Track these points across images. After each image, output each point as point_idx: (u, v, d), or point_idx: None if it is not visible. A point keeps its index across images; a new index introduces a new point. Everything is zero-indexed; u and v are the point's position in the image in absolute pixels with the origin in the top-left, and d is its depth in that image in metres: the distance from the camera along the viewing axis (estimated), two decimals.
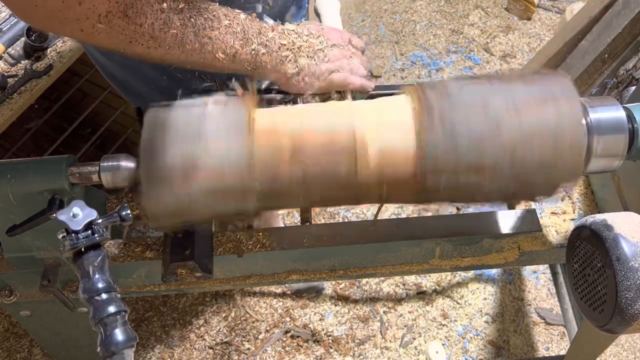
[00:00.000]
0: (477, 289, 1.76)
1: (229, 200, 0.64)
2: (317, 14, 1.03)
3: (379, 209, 0.87)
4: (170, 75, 0.96)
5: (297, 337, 1.68)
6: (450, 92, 0.64)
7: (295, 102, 0.88)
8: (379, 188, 0.65)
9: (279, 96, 0.90)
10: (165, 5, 0.70)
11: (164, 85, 0.99)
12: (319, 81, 0.85)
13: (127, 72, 1.02)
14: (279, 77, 0.84)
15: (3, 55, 1.41)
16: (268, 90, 0.90)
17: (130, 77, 1.03)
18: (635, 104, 0.68)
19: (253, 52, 0.79)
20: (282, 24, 0.88)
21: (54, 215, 0.64)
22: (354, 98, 0.88)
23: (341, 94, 0.88)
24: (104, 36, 0.68)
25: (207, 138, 0.63)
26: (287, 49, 0.83)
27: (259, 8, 0.92)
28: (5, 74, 1.39)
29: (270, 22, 0.87)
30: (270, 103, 0.91)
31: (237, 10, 0.79)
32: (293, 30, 0.85)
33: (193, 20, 0.73)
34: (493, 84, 0.64)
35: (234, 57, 0.78)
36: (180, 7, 0.72)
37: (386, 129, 0.64)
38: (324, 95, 0.88)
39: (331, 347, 1.66)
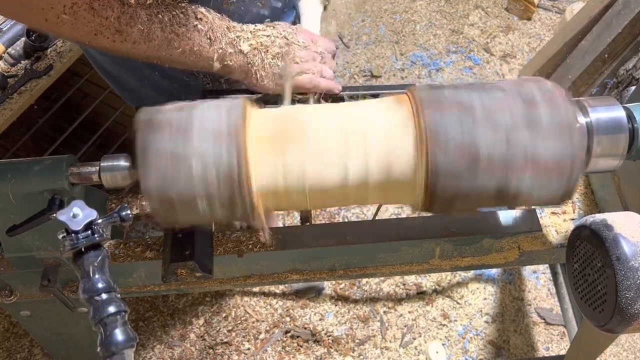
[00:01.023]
0: (477, 289, 1.76)
1: (225, 202, 0.63)
2: (298, 15, 1.04)
3: (378, 209, 0.87)
4: (162, 70, 0.96)
5: (297, 337, 1.68)
6: (447, 97, 0.63)
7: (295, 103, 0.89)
8: (380, 199, 0.65)
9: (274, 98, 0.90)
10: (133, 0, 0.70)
11: (155, 80, 0.99)
12: (285, 82, 0.86)
13: (119, 67, 1.02)
14: (245, 76, 0.85)
15: (3, 55, 1.42)
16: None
17: (122, 72, 1.03)
18: (635, 104, 0.68)
19: (220, 50, 0.79)
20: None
21: (54, 215, 0.64)
22: (317, 100, 0.89)
23: (305, 95, 0.89)
24: (69, 27, 0.68)
25: (202, 138, 0.62)
26: (255, 48, 0.83)
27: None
28: (5, 74, 1.39)
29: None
30: (266, 103, 0.91)
31: (207, 9, 0.79)
32: (263, 31, 0.85)
33: (160, 16, 0.73)
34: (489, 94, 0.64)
35: (201, 55, 0.79)
36: (148, 2, 0.72)
37: (388, 131, 0.63)
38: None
39: (331, 347, 1.66)
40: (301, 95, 0.90)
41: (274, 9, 0.99)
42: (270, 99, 0.89)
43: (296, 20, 1.05)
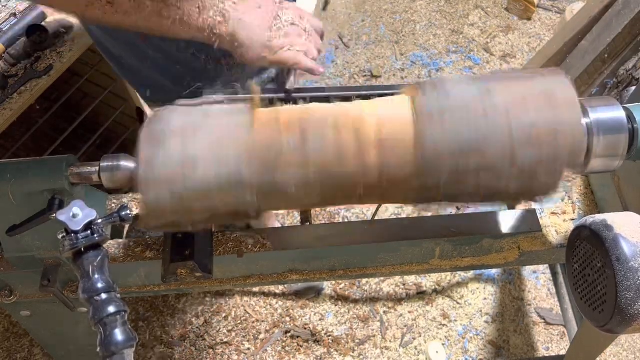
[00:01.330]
0: (477, 289, 1.76)
1: (228, 198, 0.63)
2: None
3: (377, 209, 0.87)
4: (163, 50, 0.97)
5: (297, 337, 1.68)
6: (449, 90, 0.64)
7: (295, 103, 0.88)
8: (379, 182, 0.65)
9: (279, 95, 0.90)
10: None
11: (158, 61, 0.99)
12: (270, 55, 0.86)
13: (121, 47, 1.03)
14: (233, 46, 0.85)
15: (3, 55, 1.42)
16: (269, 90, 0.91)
17: (124, 52, 1.04)
18: (635, 104, 0.68)
19: (210, 19, 0.80)
20: None
21: (54, 215, 0.64)
22: (295, 78, 0.88)
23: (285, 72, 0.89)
24: None
25: (207, 133, 0.63)
26: (242, 20, 0.83)
27: None
28: (6, 74, 1.39)
29: None
30: (271, 103, 0.91)
31: None
32: (253, 2, 0.85)
33: None
34: (490, 82, 0.64)
35: (190, 25, 0.79)
36: None
37: (387, 122, 0.64)
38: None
39: (331, 347, 1.66)
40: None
41: None
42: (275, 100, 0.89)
43: None
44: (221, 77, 1.03)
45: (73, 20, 1.48)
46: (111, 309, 0.58)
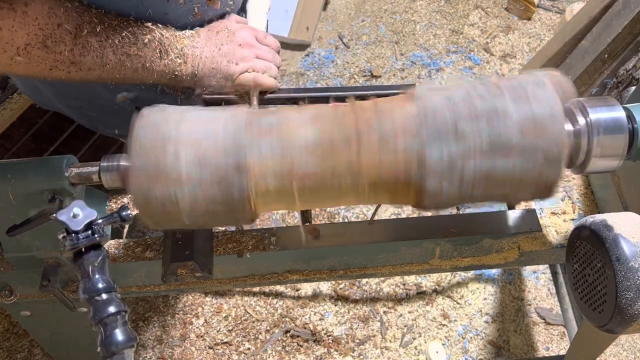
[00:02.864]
0: (477, 289, 1.76)
1: (225, 203, 0.63)
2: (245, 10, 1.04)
3: (376, 209, 0.87)
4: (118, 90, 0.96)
5: (297, 337, 1.68)
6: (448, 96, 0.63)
7: (296, 103, 0.89)
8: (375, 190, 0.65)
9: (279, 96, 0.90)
10: (84, 31, 0.71)
11: (113, 101, 0.98)
12: (230, 82, 0.87)
13: (81, 99, 1.02)
14: (194, 82, 0.86)
15: None
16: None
17: (84, 104, 1.03)
18: (635, 104, 0.68)
19: (170, 63, 0.81)
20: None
21: (54, 215, 0.64)
22: (258, 98, 0.89)
23: (247, 94, 0.89)
24: (23, 67, 0.69)
25: (203, 136, 0.62)
26: (199, 56, 0.84)
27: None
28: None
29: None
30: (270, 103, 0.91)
31: (154, 22, 0.80)
32: (205, 32, 0.86)
33: (111, 40, 0.75)
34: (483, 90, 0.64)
35: (153, 70, 0.80)
36: (97, 29, 0.73)
37: (386, 133, 0.63)
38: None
39: (331, 347, 1.66)
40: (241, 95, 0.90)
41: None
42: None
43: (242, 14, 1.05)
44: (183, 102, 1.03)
45: None
46: (111, 309, 0.58)
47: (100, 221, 0.63)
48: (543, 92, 0.62)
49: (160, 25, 0.81)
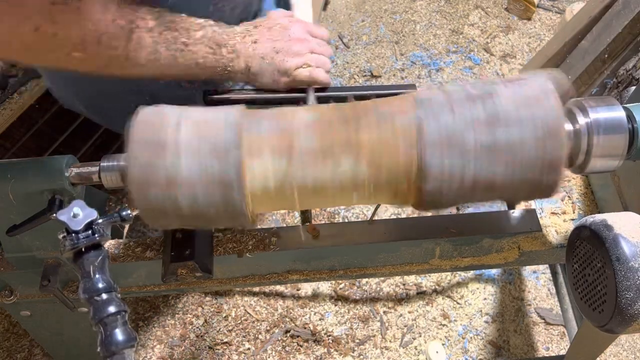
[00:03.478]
0: (477, 289, 1.76)
1: (219, 204, 0.62)
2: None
3: (376, 209, 0.87)
4: (149, 91, 0.96)
5: (297, 337, 1.68)
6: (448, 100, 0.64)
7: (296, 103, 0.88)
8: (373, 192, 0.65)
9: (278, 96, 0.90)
10: (137, 27, 0.71)
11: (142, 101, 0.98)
12: (286, 77, 0.85)
13: (102, 97, 1.02)
14: (248, 77, 0.85)
15: None
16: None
17: (104, 102, 1.03)
18: (635, 104, 0.68)
19: (224, 59, 0.81)
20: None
21: (54, 215, 0.64)
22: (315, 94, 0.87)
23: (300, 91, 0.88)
24: (78, 62, 0.69)
25: (194, 126, 0.62)
26: (253, 49, 0.83)
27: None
28: (6, 74, 1.39)
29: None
30: (269, 103, 0.91)
31: (205, 19, 0.80)
32: (259, 28, 0.86)
33: (164, 36, 0.75)
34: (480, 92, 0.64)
35: (205, 66, 0.80)
36: (150, 25, 0.73)
37: (385, 138, 0.63)
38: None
39: (331, 347, 1.66)
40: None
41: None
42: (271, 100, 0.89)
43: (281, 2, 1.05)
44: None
45: None
46: (111, 309, 0.58)
47: (100, 221, 0.63)
48: (534, 78, 0.65)
49: (212, 22, 0.81)
